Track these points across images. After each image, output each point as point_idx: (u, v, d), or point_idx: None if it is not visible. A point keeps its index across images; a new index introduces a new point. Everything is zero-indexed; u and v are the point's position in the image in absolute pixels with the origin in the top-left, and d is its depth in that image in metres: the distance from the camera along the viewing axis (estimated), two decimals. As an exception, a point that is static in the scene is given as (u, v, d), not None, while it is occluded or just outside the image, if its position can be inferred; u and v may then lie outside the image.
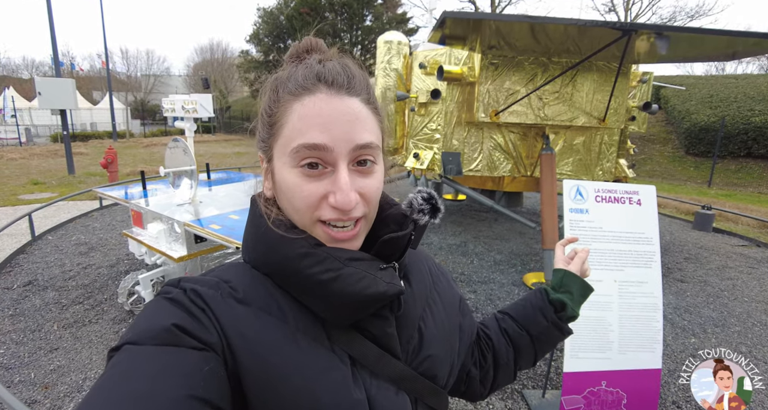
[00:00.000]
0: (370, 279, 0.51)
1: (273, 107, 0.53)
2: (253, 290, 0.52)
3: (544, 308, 0.80)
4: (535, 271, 4.47)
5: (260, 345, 0.48)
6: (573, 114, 4.03)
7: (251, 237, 0.57)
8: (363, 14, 24.65)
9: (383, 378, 0.53)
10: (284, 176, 0.52)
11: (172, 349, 0.43)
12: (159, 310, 0.48)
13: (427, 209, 0.59)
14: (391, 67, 4.79)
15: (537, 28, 3.14)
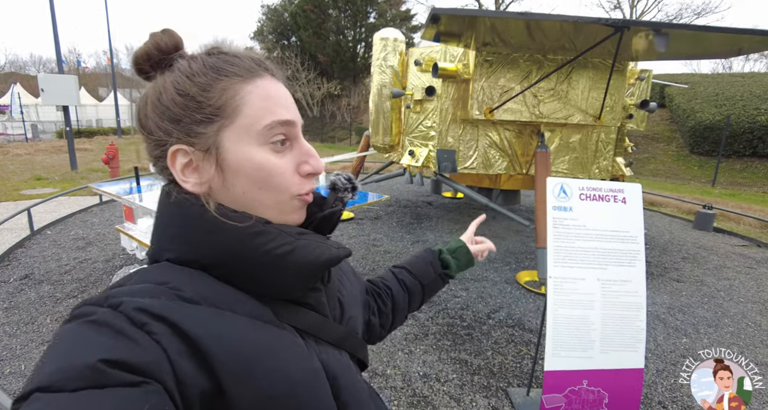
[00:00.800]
0: (323, 247, 0.55)
1: (211, 91, 0.51)
2: (197, 286, 0.49)
3: (434, 263, 0.99)
4: (529, 270, 4.45)
5: (228, 338, 0.46)
6: (568, 112, 4.00)
7: (177, 231, 0.52)
8: (367, 11, 24.59)
9: (326, 343, 0.59)
10: (252, 157, 0.51)
11: (98, 393, 0.35)
12: (79, 340, 0.39)
13: (349, 188, 0.66)
14: (386, 64, 4.77)
15: (532, 25, 3.12)
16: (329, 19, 24.62)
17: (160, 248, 0.53)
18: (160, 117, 0.51)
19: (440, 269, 0.99)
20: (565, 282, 2.04)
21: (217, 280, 0.51)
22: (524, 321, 3.39)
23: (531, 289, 3.96)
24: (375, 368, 2.71)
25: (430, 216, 6.69)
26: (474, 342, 3.05)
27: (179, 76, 0.52)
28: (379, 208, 7.14)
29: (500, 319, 3.41)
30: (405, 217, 6.57)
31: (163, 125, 0.51)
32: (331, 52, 24.42)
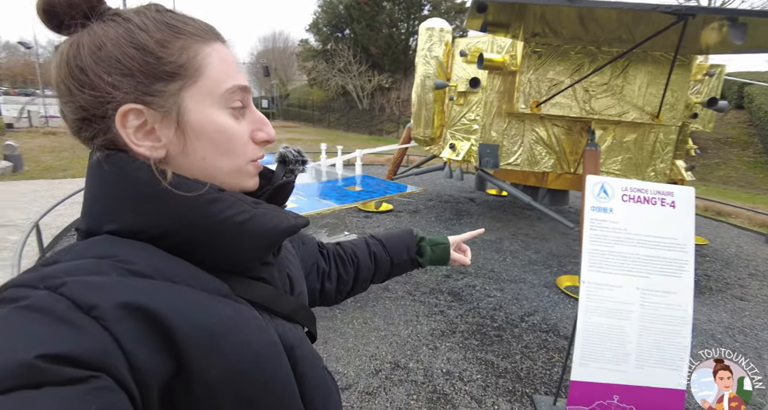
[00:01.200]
0: (281, 216, 0.54)
1: (170, 48, 0.47)
2: (148, 259, 0.44)
3: (410, 246, 0.99)
4: (571, 274, 4.23)
5: (190, 312, 0.43)
6: (623, 108, 3.73)
7: (123, 200, 0.46)
8: (421, 4, 24.29)
9: (280, 315, 0.58)
10: (213, 120, 0.49)
11: (35, 394, 0.30)
12: (11, 331, 0.33)
13: (300, 161, 0.64)
14: (431, 55, 4.67)
15: (585, 13, 2.92)
16: (383, 11, 24.58)
17: (97, 220, 0.47)
18: (106, 71, 0.45)
19: (414, 254, 1.00)
20: (599, 289, 1.90)
21: (167, 253, 0.47)
22: (560, 327, 3.23)
23: (571, 295, 3.76)
24: (397, 360, 2.69)
25: (471, 213, 6.53)
26: (503, 344, 2.95)
27: (131, 28, 0.46)
28: (418, 201, 7.07)
29: (534, 323, 3.27)
30: (444, 212, 6.46)
31: (111, 80, 0.45)
32: (383, 45, 24.40)
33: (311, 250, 0.87)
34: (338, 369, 2.59)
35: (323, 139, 14.75)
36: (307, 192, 3.98)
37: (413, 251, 0.99)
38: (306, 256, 0.85)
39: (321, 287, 0.87)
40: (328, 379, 0.67)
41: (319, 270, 0.87)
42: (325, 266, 0.89)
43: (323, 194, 3.99)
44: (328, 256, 0.92)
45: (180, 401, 0.43)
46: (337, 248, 0.95)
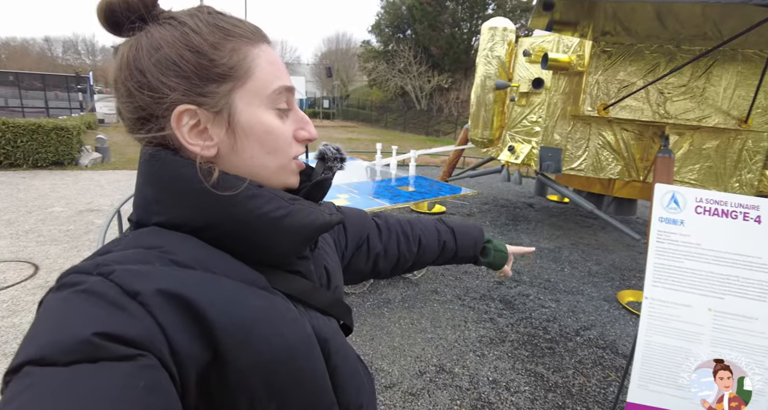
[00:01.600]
0: (317, 213, 0.55)
1: (222, 51, 0.49)
2: (190, 250, 0.47)
3: (478, 244, 1.02)
4: (635, 289, 3.95)
5: (225, 303, 0.45)
6: (703, 112, 3.41)
7: (170, 193, 0.49)
8: (485, 3, 23.77)
9: (314, 308, 0.59)
10: (261, 120, 0.51)
11: (92, 368, 0.34)
12: (71, 311, 0.37)
13: (339, 158, 0.64)
14: (493, 55, 4.56)
15: (664, 9, 2.71)
16: (446, 11, 24.35)
17: (146, 213, 0.50)
18: (163, 72, 0.47)
19: (479, 252, 1.03)
20: (664, 306, 1.76)
21: (210, 245, 0.49)
22: (618, 344, 3.03)
23: (633, 311, 3.52)
24: (443, 364, 2.66)
25: (529, 219, 6.30)
26: (555, 358, 2.82)
27: (186, 31, 0.48)
28: (472, 205, 6.94)
29: (590, 338, 3.09)
30: (500, 217, 6.28)
31: (167, 81, 0.47)
32: (444, 45, 24.18)
33: (358, 230, 0.87)
34: (383, 366, 2.61)
35: (380, 139, 14.90)
36: (360, 191, 4.04)
37: (479, 249, 1.03)
38: (353, 237, 0.86)
39: (373, 267, 0.89)
40: (362, 371, 0.68)
41: (371, 251, 0.87)
42: (380, 246, 0.89)
43: (376, 193, 4.04)
44: (389, 234, 0.92)
45: (215, 388, 0.44)
46: (403, 226, 0.95)
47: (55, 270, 3.66)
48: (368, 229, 0.89)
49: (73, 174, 7.61)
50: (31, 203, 5.64)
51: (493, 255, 1.03)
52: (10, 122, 7.53)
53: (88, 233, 4.61)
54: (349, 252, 0.85)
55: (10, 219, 4.93)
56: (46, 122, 7.96)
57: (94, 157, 8.70)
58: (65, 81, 18.74)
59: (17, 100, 16.64)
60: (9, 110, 15.90)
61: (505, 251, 1.04)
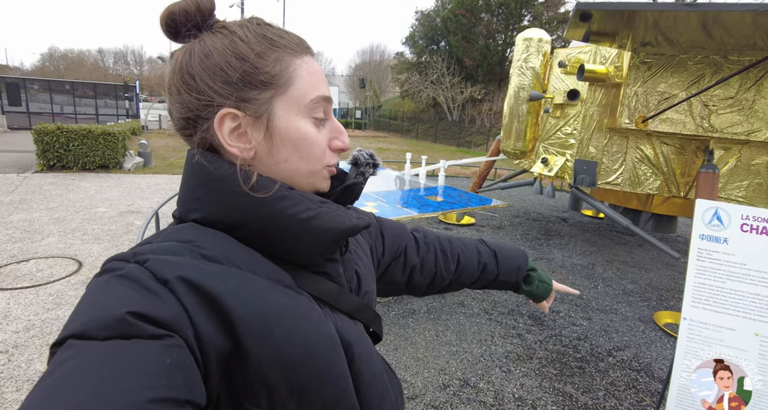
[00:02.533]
0: (344, 216, 0.56)
1: (267, 60, 0.52)
2: (220, 246, 0.50)
3: (521, 269, 0.97)
4: (673, 310, 3.76)
5: (249, 297, 0.47)
6: (753, 126, 3.24)
7: (205, 191, 0.52)
8: (521, 14, 23.59)
9: (341, 311, 0.60)
10: (299, 127, 0.54)
11: (125, 343, 0.38)
12: (109, 293, 0.41)
13: (371, 164, 0.66)
14: (527, 66, 4.50)
15: (710, 19, 2.61)
16: (480, 22, 24.32)
17: (186, 208, 0.54)
18: (210, 77, 0.51)
19: (521, 279, 0.98)
20: (705, 328, 1.66)
21: (240, 242, 0.52)
22: (654, 367, 2.88)
23: (671, 333, 3.34)
24: (467, 378, 2.60)
25: (562, 234, 6.13)
26: (585, 378, 2.71)
27: (235, 40, 0.52)
28: (502, 217, 6.82)
29: (623, 359, 2.95)
30: (532, 231, 6.14)
31: (214, 86, 0.51)
32: (478, 56, 24.11)
33: (396, 240, 0.87)
34: (406, 377, 2.59)
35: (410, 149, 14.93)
36: (388, 199, 4.05)
37: (522, 275, 0.98)
38: (391, 246, 0.85)
39: (408, 280, 0.88)
40: (387, 380, 0.67)
41: (408, 263, 0.87)
42: (417, 259, 0.88)
43: (404, 202, 4.04)
44: (427, 249, 0.90)
45: (237, 379, 0.46)
46: (441, 242, 0.93)
47: (97, 267, 3.85)
48: (406, 240, 0.89)
49: (117, 177, 8.01)
50: (78, 203, 5.97)
51: (537, 285, 0.98)
52: (64, 127, 8.04)
53: (128, 234, 4.82)
54: (385, 261, 0.84)
55: (59, 217, 5.23)
56: (96, 127, 8.45)
57: (137, 161, 9.14)
58: (114, 90, 19.88)
59: (71, 107, 17.77)
60: (64, 116, 16.99)
61: (549, 284, 1.00)
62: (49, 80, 19.15)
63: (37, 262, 3.88)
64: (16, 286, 3.39)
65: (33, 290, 3.34)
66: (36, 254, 4.07)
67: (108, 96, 19.59)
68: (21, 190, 6.50)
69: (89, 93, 19.09)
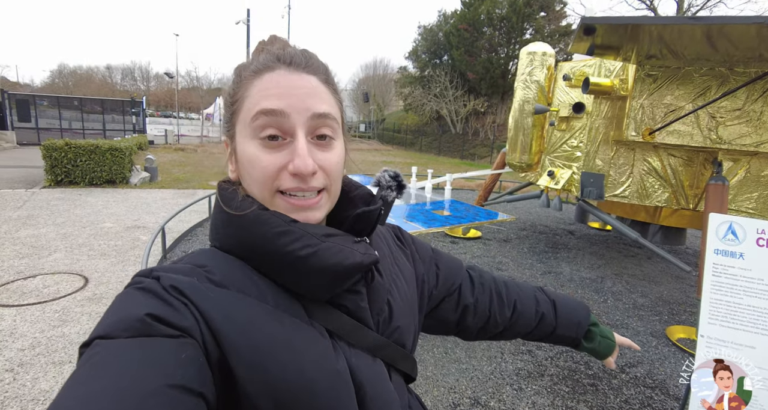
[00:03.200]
0: (347, 252, 0.53)
1: (235, 89, 0.55)
2: (230, 272, 0.52)
3: (582, 325, 0.91)
4: (686, 325, 3.68)
5: (244, 325, 0.48)
6: (761, 137, 3.22)
7: (221, 222, 0.56)
8: (523, 28, 23.85)
9: (359, 347, 0.57)
10: (245, 150, 0.53)
11: (145, 340, 0.42)
12: (130, 301, 0.46)
13: (394, 186, 0.62)
14: (532, 79, 4.52)
15: (714, 31, 2.62)
16: (483, 36, 24.59)
17: (214, 233, 0.58)
18: (225, 102, 0.58)
19: (581, 335, 0.91)
20: (723, 346, 1.62)
21: (255, 271, 0.53)
22: (668, 384, 2.81)
23: (685, 348, 3.27)
24: (477, 396, 2.55)
25: (569, 247, 6.07)
26: (598, 395, 2.64)
27: (243, 64, 0.57)
28: (509, 230, 6.77)
29: (637, 376, 2.89)
30: (539, 244, 6.09)
31: (223, 114, 0.58)
32: (480, 70, 24.32)
33: (451, 275, 0.82)
34: (414, 396, 2.53)
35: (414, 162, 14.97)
36: (394, 214, 4.04)
37: (582, 332, 0.91)
38: (445, 281, 0.81)
39: (460, 320, 0.82)
40: None
41: (461, 302, 0.82)
42: (471, 299, 0.83)
43: (410, 216, 4.02)
44: (482, 289, 0.85)
45: (230, 401, 0.47)
46: (498, 284, 0.88)
47: (103, 283, 3.84)
48: (461, 278, 0.84)
49: (123, 192, 8.06)
50: (85, 218, 6.00)
51: (599, 341, 0.92)
52: (72, 142, 8.13)
53: (134, 249, 4.83)
54: (438, 294, 0.80)
55: (66, 233, 5.25)
56: (103, 142, 8.54)
57: (143, 176, 9.20)
58: (121, 105, 20.17)
59: (79, 122, 18.04)
60: (72, 132, 17.24)
61: (612, 339, 0.94)
62: (58, 97, 19.49)
63: (43, 278, 3.88)
64: (23, 302, 3.38)
65: (39, 307, 3.33)
66: (43, 270, 4.07)
67: (115, 111, 19.88)
68: (29, 205, 6.55)
69: (97, 109, 19.39)
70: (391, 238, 0.77)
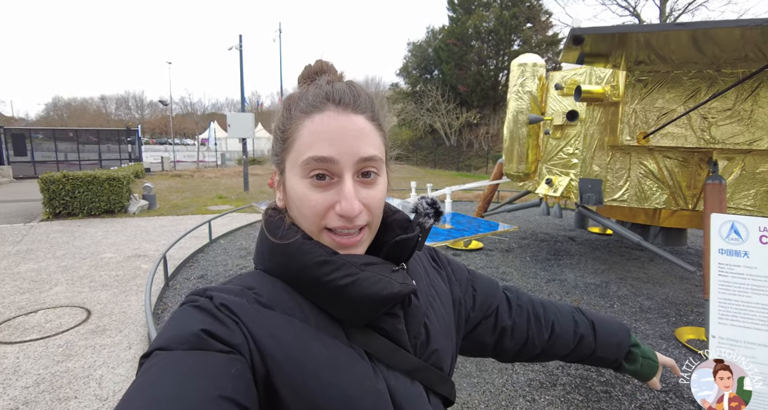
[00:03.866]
0: (385, 282, 0.55)
1: (286, 124, 0.57)
2: (276, 295, 0.55)
3: (622, 346, 0.88)
4: (694, 325, 3.66)
5: (289, 345, 0.50)
6: (754, 135, 3.26)
7: (267, 247, 0.59)
8: (510, 39, 24.30)
9: (398, 370, 0.58)
10: (294, 186, 0.56)
11: (200, 353, 0.45)
12: (187, 317, 0.49)
13: (431, 213, 0.64)
14: (524, 90, 4.59)
15: (700, 36, 2.68)
16: (471, 50, 25.01)
17: (260, 258, 0.61)
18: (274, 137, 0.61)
19: (622, 357, 0.89)
20: (735, 346, 1.61)
21: (299, 294, 0.56)
22: (682, 387, 2.78)
23: (695, 350, 3.24)
24: (491, 411, 2.51)
25: (571, 253, 6.06)
26: (612, 403, 2.61)
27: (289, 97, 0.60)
28: (510, 240, 6.77)
29: (651, 381, 2.85)
30: (541, 252, 6.08)
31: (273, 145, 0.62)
32: (471, 82, 24.67)
33: (488, 297, 0.82)
34: (428, 413, 2.49)
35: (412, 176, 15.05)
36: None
37: (623, 353, 0.88)
38: (483, 303, 0.81)
39: (497, 342, 0.82)
40: None
41: (498, 324, 0.81)
42: (509, 321, 0.82)
43: (413, 230, 4.02)
44: (520, 311, 0.84)
45: None
46: (535, 306, 0.86)
47: (106, 315, 3.80)
48: (498, 300, 0.83)
49: (122, 221, 8.05)
50: (85, 249, 5.97)
51: (641, 363, 0.89)
52: (70, 174, 8.15)
53: (136, 278, 4.80)
54: (475, 317, 0.79)
55: (66, 265, 5.22)
56: (101, 173, 8.56)
57: (142, 204, 9.20)
58: (117, 134, 20.31)
59: (75, 153, 18.10)
60: (68, 163, 17.28)
61: (655, 360, 0.91)
62: (54, 129, 19.63)
63: (45, 313, 3.84)
64: (25, 339, 3.34)
65: (42, 342, 3.29)
66: (44, 304, 4.03)
67: (111, 141, 20.00)
68: (28, 239, 6.52)
69: (92, 139, 19.50)
70: (427, 260, 0.77)
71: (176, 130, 49.29)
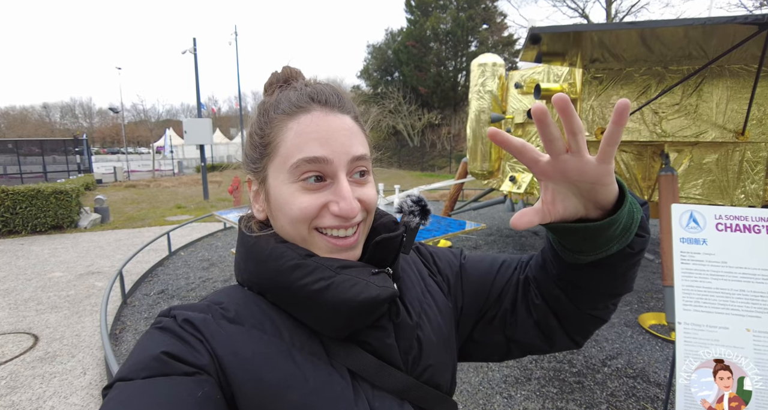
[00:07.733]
0: (362, 285, 0.50)
1: (265, 129, 0.53)
2: (246, 309, 0.51)
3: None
4: (655, 311, 3.82)
5: (254, 363, 0.47)
6: (699, 128, 3.45)
7: (241, 257, 0.56)
8: (468, 41, 24.85)
9: (385, 390, 0.52)
10: (282, 192, 0.52)
11: (162, 380, 0.42)
12: (149, 341, 0.47)
13: (417, 211, 0.59)
14: (485, 90, 4.67)
15: (648, 34, 2.79)
16: (430, 52, 25.38)
17: (237, 270, 0.58)
18: (248, 143, 0.57)
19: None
20: (700, 330, 1.67)
21: (273, 306, 0.52)
22: (648, 371, 2.88)
23: (657, 335, 3.38)
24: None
25: (536, 247, 6.22)
26: (585, 392, 2.67)
27: (264, 103, 0.56)
28: (477, 237, 6.87)
29: (618, 367, 2.94)
30: (507, 247, 6.21)
31: (248, 151, 0.57)
32: (431, 84, 25.02)
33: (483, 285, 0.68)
34: (406, 418, 2.46)
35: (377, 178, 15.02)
36: (365, 232, 3.99)
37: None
38: (475, 295, 0.68)
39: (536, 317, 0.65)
40: None
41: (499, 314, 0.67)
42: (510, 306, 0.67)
43: (382, 233, 3.99)
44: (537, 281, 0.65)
45: None
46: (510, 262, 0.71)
47: (56, 339, 3.53)
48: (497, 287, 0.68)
49: (73, 237, 7.56)
50: (30, 270, 5.55)
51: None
52: (9, 189, 7.56)
53: (90, 297, 4.49)
54: (469, 313, 0.67)
55: (8, 288, 4.82)
56: (45, 186, 8.00)
57: (94, 218, 8.68)
58: (63, 145, 19.09)
59: (16, 167, 16.86)
60: (8, 177, 16.08)
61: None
62: (-9, 141, 18.22)
63: (-14, 340, 3.52)
64: (-37, 371, 3.04)
65: (-17, 374, 3.00)
66: (-15, 331, 3.70)
67: (56, 152, 18.77)
68: (-36, 261, 5.99)
69: (35, 150, 18.24)
70: (422, 264, 0.70)
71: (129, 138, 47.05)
